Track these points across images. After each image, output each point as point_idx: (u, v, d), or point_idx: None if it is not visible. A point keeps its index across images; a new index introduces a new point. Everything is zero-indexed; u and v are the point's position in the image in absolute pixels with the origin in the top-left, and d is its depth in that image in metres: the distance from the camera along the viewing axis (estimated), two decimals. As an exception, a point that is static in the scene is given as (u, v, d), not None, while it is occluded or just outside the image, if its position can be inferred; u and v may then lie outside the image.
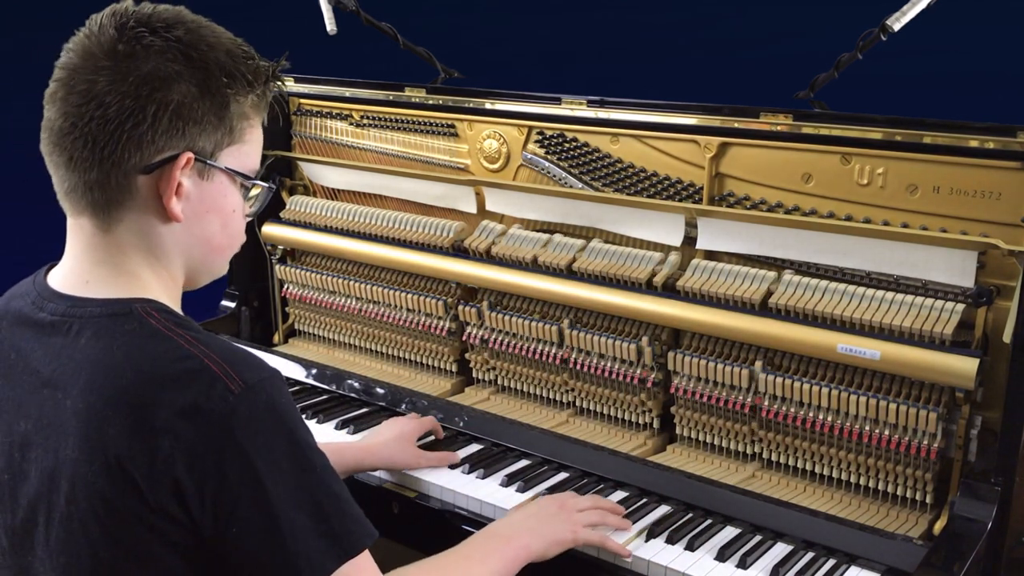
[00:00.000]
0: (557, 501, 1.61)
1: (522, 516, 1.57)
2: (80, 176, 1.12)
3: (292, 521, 1.06)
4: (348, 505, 1.13)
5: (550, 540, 1.52)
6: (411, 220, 2.26)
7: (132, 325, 1.11)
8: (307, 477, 1.09)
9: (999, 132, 1.59)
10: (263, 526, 1.06)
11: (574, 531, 1.55)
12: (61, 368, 1.11)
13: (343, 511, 1.11)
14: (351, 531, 1.11)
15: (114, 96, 1.09)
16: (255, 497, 1.05)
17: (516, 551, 1.46)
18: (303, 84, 2.48)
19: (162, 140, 1.12)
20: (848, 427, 1.70)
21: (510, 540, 1.48)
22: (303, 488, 1.08)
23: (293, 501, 1.07)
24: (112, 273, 1.16)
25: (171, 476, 1.03)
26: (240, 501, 1.05)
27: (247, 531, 1.06)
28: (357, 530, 1.12)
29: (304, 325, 2.54)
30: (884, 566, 1.53)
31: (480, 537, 1.50)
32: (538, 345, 2.06)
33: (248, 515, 1.05)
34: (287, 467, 1.07)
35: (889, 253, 1.69)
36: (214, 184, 1.19)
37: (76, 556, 1.09)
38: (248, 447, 1.05)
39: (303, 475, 1.09)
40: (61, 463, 1.08)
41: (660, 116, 1.93)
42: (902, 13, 1.82)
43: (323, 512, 1.09)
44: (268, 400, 1.08)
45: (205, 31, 1.16)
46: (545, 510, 1.58)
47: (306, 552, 1.07)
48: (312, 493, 1.09)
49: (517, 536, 1.49)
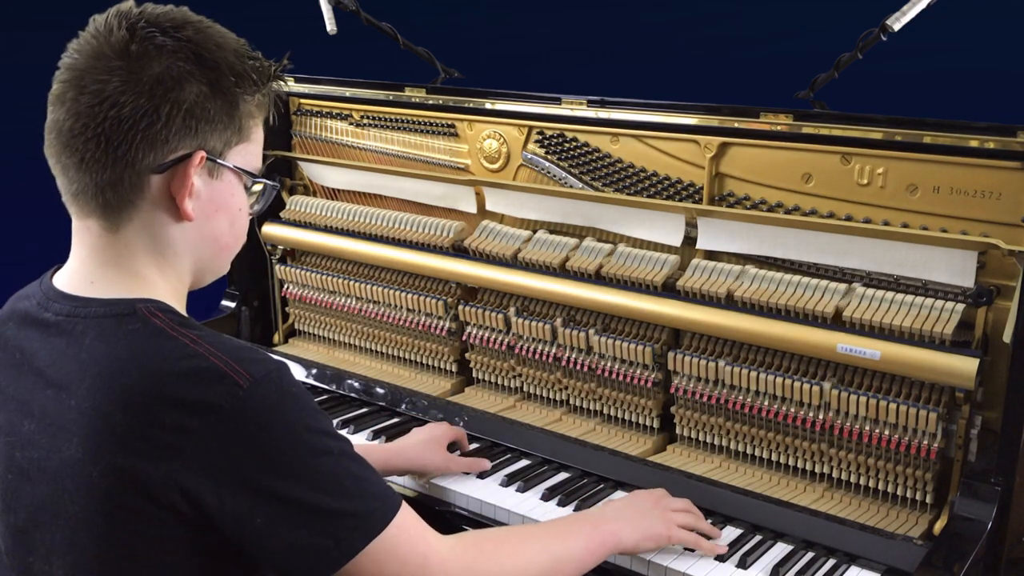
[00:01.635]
0: (652, 497, 1.59)
1: (615, 506, 1.56)
2: (92, 177, 1.13)
3: (316, 506, 1.08)
4: (369, 484, 1.15)
5: (645, 533, 1.51)
6: (411, 220, 2.26)
7: (136, 325, 1.11)
8: (325, 461, 1.11)
9: (999, 132, 1.59)
10: (287, 515, 1.07)
11: (669, 528, 1.53)
12: (66, 369, 1.11)
13: (364, 490, 1.13)
14: (374, 509, 1.13)
15: (128, 96, 1.10)
16: (275, 488, 1.07)
17: (603, 536, 1.45)
18: (303, 84, 2.48)
19: (175, 139, 1.13)
20: (848, 427, 1.70)
21: (598, 525, 1.47)
22: (322, 473, 1.10)
23: (314, 486, 1.09)
24: (118, 274, 1.17)
25: (182, 474, 1.04)
26: (260, 492, 1.06)
27: (272, 521, 1.07)
28: (381, 506, 1.14)
29: (304, 325, 2.54)
30: (884, 566, 1.53)
31: (568, 517, 1.51)
32: (536, 344, 2.06)
33: (271, 506, 1.07)
34: (303, 454, 1.09)
35: (889, 253, 1.69)
36: (223, 183, 1.20)
37: (82, 556, 1.09)
38: (262, 439, 1.06)
39: (321, 460, 1.10)
40: (66, 463, 1.08)
41: (660, 116, 1.93)
42: (902, 13, 1.82)
43: (345, 493, 1.11)
44: (277, 391, 1.09)
45: (212, 31, 1.17)
46: (641, 504, 1.56)
47: (334, 533, 1.09)
48: (332, 476, 1.11)
49: (607, 523, 1.48)
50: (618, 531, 1.47)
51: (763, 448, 1.82)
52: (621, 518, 1.51)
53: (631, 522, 1.50)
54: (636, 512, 1.53)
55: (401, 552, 1.15)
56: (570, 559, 1.39)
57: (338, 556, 1.10)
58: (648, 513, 1.54)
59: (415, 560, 1.17)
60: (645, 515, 1.53)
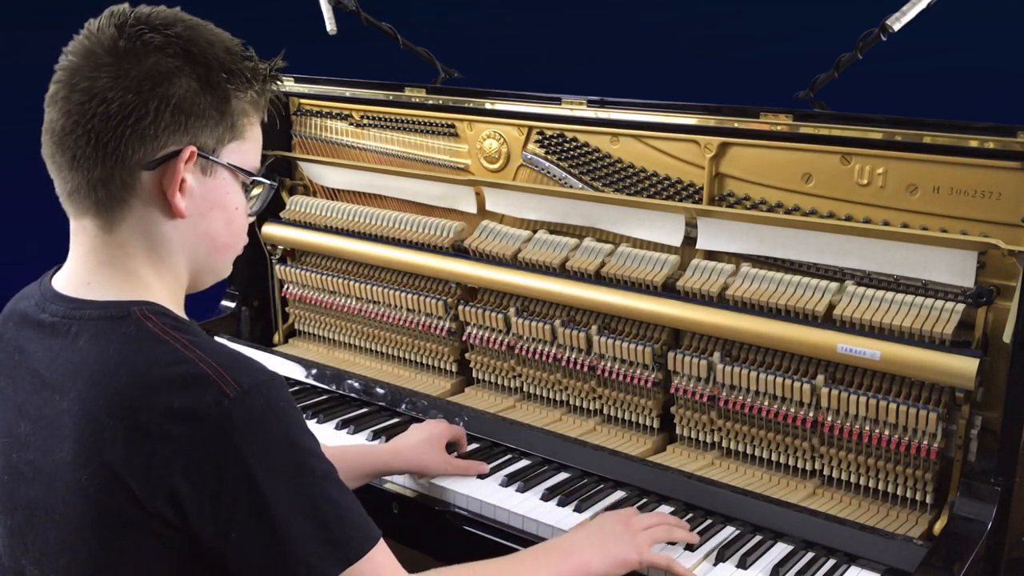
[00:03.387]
0: (621, 518, 1.54)
1: (584, 532, 1.50)
2: (84, 175, 1.13)
3: (291, 526, 1.06)
4: (348, 512, 1.11)
5: (614, 559, 1.46)
6: (411, 220, 2.26)
7: (129, 328, 1.10)
8: (305, 481, 1.08)
9: (999, 132, 1.59)
10: (262, 531, 1.05)
11: (639, 552, 1.48)
12: (59, 370, 1.11)
13: (343, 517, 1.10)
14: (351, 537, 1.10)
15: (116, 92, 1.10)
16: (253, 502, 1.04)
17: (574, 567, 1.41)
18: (303, 84, 2.48)
19: (165, 135, 1.12)
20: (848, 427, 1.70)
21: (569, 555, 1.43)
22: (301, 493, 1.07)
23: (292, 506, 1.06)
24: (114, 274, 1.16)
25: (167, 481, 1.03)
26: (238, 506, 1.04)
27: (246, 536, 1.05)
28: (358, 536, 1.11)
29: (304, 325, 2.54)
30: (884, 566, 1.53)
31: (536, 548, 1.46)
32: (536, 344, 2.06)
33: (247, 520, 1.05)
34: (285, 472, 1.06)
35: (889, 253, 1.69)
36: (217, 180, 1.19)
37: (74, 559, 1.09)
38: (245, 451, 1.04)
39: (302, 479, 1.08)
40: (58, 466, 1.08)
41: (660, 116, 1.93)
42: (902, 13, 1.82)
43: (322, 518, 1.08)
44: (264, 404, 1.07)
45: (203, 29, 1.17)
46: (609, 528, 1.51)
47: (306, 558, 1.07)
48: (311, 498, 1.08)
49: (577, 552, 1.44)
50: (588, 560, 1.43)
51: (763, 448, 1.82)
52: (589, 545, 1.46)
53: (600, 549, 1.46)
54: (603, 538, 1.48)
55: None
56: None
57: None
58: (619, 537, 1.49)
59: None
60: (613, 540, 1.48)
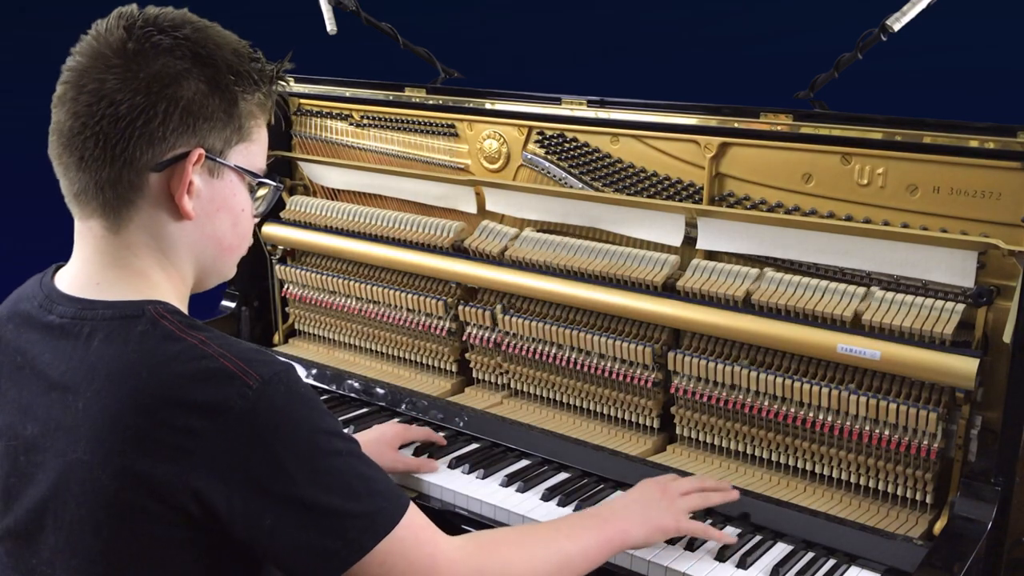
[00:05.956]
0: (659, 485, 1.59)
1: (623, 501, 1.55)
2: (91, 176, 1.13)
3: (325, 506, 1.09)
4: (377, 483, 1.15)
5: (653, 526, 1.50)
6: (411, 220, 2.26)
7: (144, 327, 1.11)
8: (333, 461, 1.11)
9: (999, 132, 1.59)
10: (296, 515, 1.08)
11: (677, 519, 1.53)
12: (72, 371, 1.11)
13: (373, 490, 1.13)
14: (383, 508, 1.13)
15: (125, 94, 1.10)
16: (284, 487, 1.07)
17: (612, 534, 1.45)
18: (303, 84, 2.48)
19: (173, 137, 1.13)
20: (848, 427, 1.70)
21: (607, 521, 1.46)
22: (331, 472, 1.10)
23: (323, 486, 1.09)
24: (122, 275, 1.17)
25: (191, 476, 1.04)
26: (270, 493, 1.06)
27: (281, 522, 1.07)
28: (389, 506, 1.14)
29: (304, 325, 2.54)
30: (884, 566, 1.53)
31: (575, 515, 1.50)
32: (540, 345, 2.06)
33: (279, 506, 1.07)
34: (312, 454, 1.09)
35: (889, 253, 1.69)
36: (224, 182, 1.20)
37: (87, 559, 1.09)
38: (271, 440, 1.06)
39: (329, 460, 1.10)
40: (71, 466, 1.08)
41: (660, 116, 1.93)
42: (902, 13, 1.82)
43: (354, 493, 1.11)
44: (286, 392, 1.09)
45: (211, 31, 1.18)
46: (648, 496, 1.55)
47: (342, 534, 1.10)
48: (340, 476, 1.11)
49: (616, 519, 1.48)
50: (627, 528, 1.47)
51: (763, 448, 1.82)
52: (630, 513, 1.50)
53: (639, 516, 1.50)
54: (643, 506, 1.53)
55: (409, 553, 1.15)
56: (580, 558, 1.39)
57: (346, 556, 1.10)
58: (656, 504, 1.53)
59: (423, 561, 1.17)
60: (653, 507, 1.53)
